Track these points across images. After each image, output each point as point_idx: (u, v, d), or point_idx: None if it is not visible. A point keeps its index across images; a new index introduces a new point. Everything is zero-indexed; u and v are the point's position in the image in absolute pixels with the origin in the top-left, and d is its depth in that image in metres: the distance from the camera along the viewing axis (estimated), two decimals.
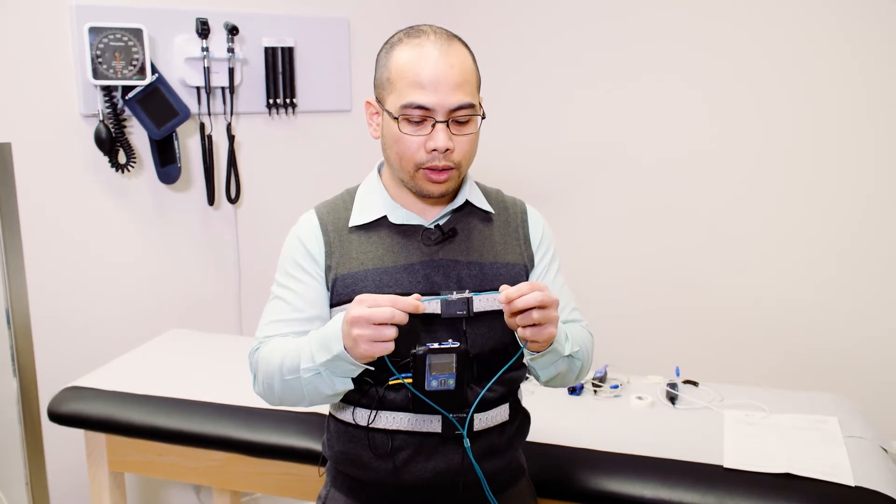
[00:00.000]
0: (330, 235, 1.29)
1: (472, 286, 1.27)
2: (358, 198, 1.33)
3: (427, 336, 1.23)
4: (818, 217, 2.40)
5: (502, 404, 1.32)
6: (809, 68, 2.35)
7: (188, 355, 2.17)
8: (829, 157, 2.36)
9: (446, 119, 1.20)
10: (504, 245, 1.33)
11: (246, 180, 2.63)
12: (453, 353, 1.15)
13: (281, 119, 2.67)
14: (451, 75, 1.20)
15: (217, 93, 2.49)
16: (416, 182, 1.25)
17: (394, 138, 1.23)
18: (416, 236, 1.29)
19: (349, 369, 1.14)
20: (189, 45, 2.39)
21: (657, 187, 2.68)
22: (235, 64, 2.48)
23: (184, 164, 2.48)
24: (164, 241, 2.51)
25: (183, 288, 2.56)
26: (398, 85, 1.21)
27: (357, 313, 1.08)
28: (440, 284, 1.26)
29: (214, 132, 2.51)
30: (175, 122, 2.33)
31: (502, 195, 1.41)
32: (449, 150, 1.22)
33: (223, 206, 2.61)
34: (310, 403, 1.22)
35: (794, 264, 2.46)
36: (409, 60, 1.21)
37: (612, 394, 1.93)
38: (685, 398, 1.89)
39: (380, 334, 1.08)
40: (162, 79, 2.32)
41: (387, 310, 1.08)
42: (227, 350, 2.21)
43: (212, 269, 2.61)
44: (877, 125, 2.27)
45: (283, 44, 2.57)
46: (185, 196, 2.53)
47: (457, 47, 1.24)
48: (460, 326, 1.25)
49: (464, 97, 1.21)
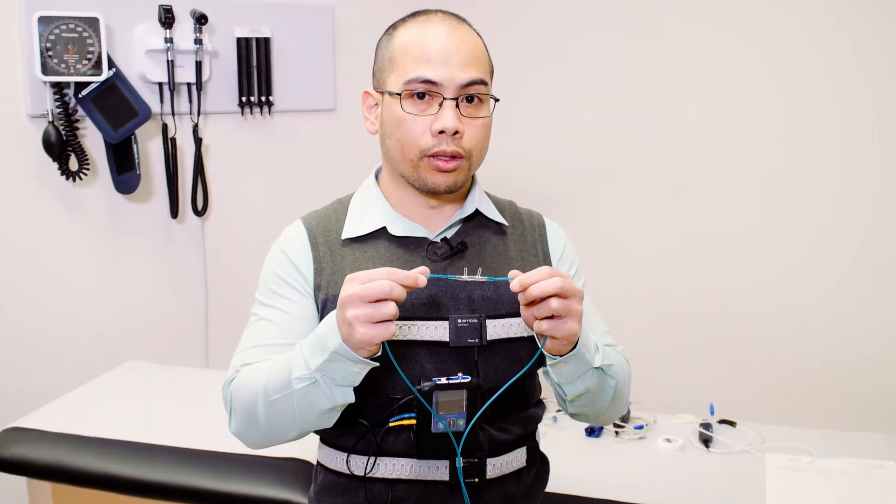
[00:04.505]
0: (320, 249, 1.29)
1: (485, 309, 1.26)
2: (352, 207, 1.33)
3: (433, 368, 1.22)
4: (880, 242, 2.44)
5: (518, 448, 1.31)
6: (831, 78, 2.43)
7: (148, 391, 2.16)
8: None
9: (456, 96, 1.21)
10: (521, 261, 1.33)
11: (215, 190, 2.63)
12: (464, 389, 1.14)
13: (255, 120, 2.67)
14: (462, 49, 1.22)
15: (182, 90, 2.49)
16: (419, 174, 1.24)
17: (395, 122, 1.24)
18: (419, 251, 1.29)
19: (350, 373, 1.12)
20: (151, 35, 2.39)
21: (686, 199, 2.70)
22: (203, 57, 2.48)
23: (144, 171, 2.47)
24: (120, 260, 2.50)
25: (142, 313, 2.54)
26: (402, 61, 1.23)
27: (349, 292, 1.07)
28: (447, 307, 1.26)
29: (179, 135, 2.51)
30: (134, 123, 2.33)
31: (516, 207, 1.42)
32: (458, 134, 1.22)
33: (189, 220, 2.60)
34: (300, 430, 1.20)
35: (847, 292, 2.48)
36: (415, 37, 1.23)
37: (636, 435, 1.92)
38: (721, 440, 1.89)
39: (378, 312, 1.06)
40: (120, 74, 2.32)
41: (383, 283, 1.06)
42: (193, 385, 2.20)
43: (175, 292, 2.60)
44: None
45: (257, 34, 2.57)
46: (145, 208, 2.53)
47: (467, 28, 1.26)
48: (472, 357, 1.24)
49: (475, 73, 1.22)
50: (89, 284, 2.45)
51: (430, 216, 1.31)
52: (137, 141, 2.39)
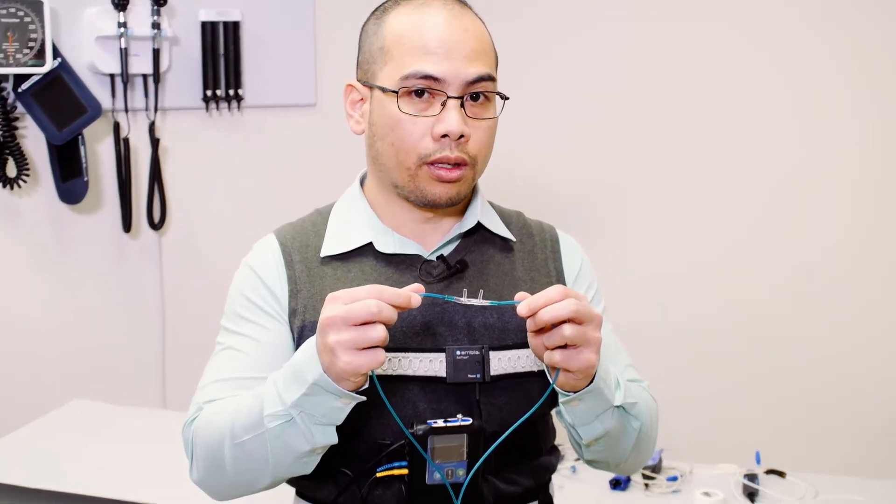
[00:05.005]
0: (295, 267, 1.29)
1: (488, 339, 1.26)
2: (333, 219, 1.34)
3: (428, 409, 1.22)
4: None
5: (529, 503, 1.30)
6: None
7: (95, 435, 2.16)
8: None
9: (461, 95, 1.22)
10: (530, 282, 1.33)
11: (174, 199, 2.63)
12: (464, 433, 1.14)
13: (222, 117, 2.68)
14: (467, 40, 1.22)
15: (138, 82, 2.51)
16: (417, 184, 1.25)
17: (390, 123, 1.24)
18: (412, 271, 1.29)
19: (332, 409, 1.11)
20: (102, 20, 2.40)
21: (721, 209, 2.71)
22: (162, 44, 2.49)
23: (92, 177, 2.48)
24: (64, 280, 2.50)
25: (88, 344, 2.54)
26: (397, 52, 1.23)
27: (331, 313, 1.07)
28: (444, 337, 1.26)
29: (133, 135, 2.52)
30: (82, 121, 2.34)
31: (525, 218, 1.42)
32: (464, 138, 1.23)
33: (144, 234, 2.61)
34: (273, 477, 1.19)
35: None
36: (412, 24, 1.23)
37: (669, 488, 1.92)
38: (768, 493, 1.89)
39: (364, 337, 1.05)
40: (66, 65, 2.33)
41: (370, 303, 1.05)
42: (147, 428, 2.20)
43: (128, 319, 2.60)
44: None
45: (225, 17, 2.59)
46: (94, 220, 2.53)
47: (471, 14, 1.27)
48: (473, 395, 1.24)
49: (483, 67, 1.23)
50: (27, 310, 2.45)
51: (425, 231, 1.31)
52: (85, 142, 2.39)
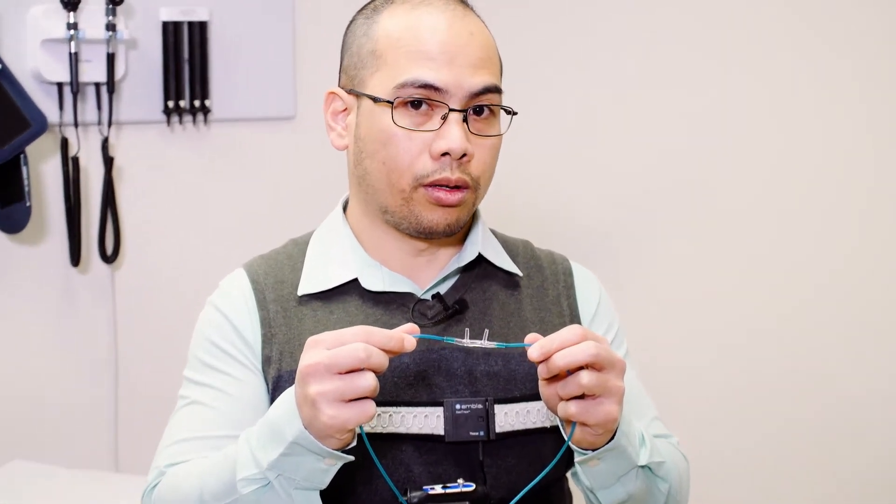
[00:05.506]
0: (269, 308, 1.30)
1: (492, 390, 1.27)
2: (311, 251, 1.35)
3: (423, 472, 1.23)
4: None
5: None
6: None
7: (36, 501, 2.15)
8: None
9: (464, 108, 1.23)
10: (540, 324, 1.34)
11: (130, 227, 2.64)
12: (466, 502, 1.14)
13: (186, 132, 2.69)
14: (472, 46, 1.24)
15: (89, 92, 2.52)
16: (412, 208, 1.26)
17: (381, 138, 1.25)
18: (403, 312, 1.30)
19: (315, 470, 1.11)
20: (49, 20, 2.41)
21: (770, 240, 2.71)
22: (118, 48, 2.51)
23: (36, 201, 2.48)
24: (1, 322, 2.49)
25: (30, 397, 2.53)
26: (391, 57, 1.25)
27: (313, 360, 1.06)
28: (442, 388, 1.27)
29: (84, 152, 2.53)
30: (24, 137, 2.35)
31: (533, 249, 1.43)
32: (466, 157, 1.24)
33: (94, 268, 2.61)
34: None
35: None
36: (409, 25, 1.25)
37: None
38: None
39: (351, 387, 1.04)
40: (6, 72, 2.34)
41: (357, 347, 1.05)
42: (97, 494, 2.19)
43: (75, 367, 2.59)
44: None
45: (190, 17, 2.60)
46: (37, 252, 2.53)
47: (474, 17, 1.29)
48: (475, 456, 1.24)
49: (489, 77, 1.25)
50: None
51: (419, 265, 1.33)
52: (28, 162, 2.40)
